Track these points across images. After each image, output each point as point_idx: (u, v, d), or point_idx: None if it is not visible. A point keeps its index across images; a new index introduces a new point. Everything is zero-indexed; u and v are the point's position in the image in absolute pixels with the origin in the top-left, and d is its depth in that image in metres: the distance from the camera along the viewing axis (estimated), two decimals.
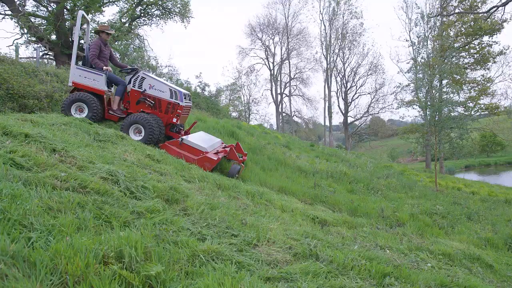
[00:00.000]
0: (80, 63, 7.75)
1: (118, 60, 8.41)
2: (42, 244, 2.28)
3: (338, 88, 41.93)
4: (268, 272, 2.94)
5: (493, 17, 26.18)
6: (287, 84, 46.55)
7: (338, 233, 4.97)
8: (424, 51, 29.00)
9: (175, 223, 3.33)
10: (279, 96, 46.07)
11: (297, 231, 4.16)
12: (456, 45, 29.10)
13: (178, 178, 5.19)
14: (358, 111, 42.49)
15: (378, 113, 41.78)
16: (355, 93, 41.57)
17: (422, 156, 34.01)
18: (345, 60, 41.24)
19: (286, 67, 46.41)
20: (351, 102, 41.50)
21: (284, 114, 47.40)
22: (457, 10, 28.70)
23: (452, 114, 15.69)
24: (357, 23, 40.94)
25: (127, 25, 21.45)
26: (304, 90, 53.07)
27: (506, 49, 29.16)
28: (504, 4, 9.69)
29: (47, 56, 20.04)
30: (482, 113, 30.76)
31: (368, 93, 41.15)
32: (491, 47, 29.43)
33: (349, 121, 41.72)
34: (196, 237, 3.23)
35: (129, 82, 7.50)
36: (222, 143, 8.27)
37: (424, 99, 15.99)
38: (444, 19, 29.34)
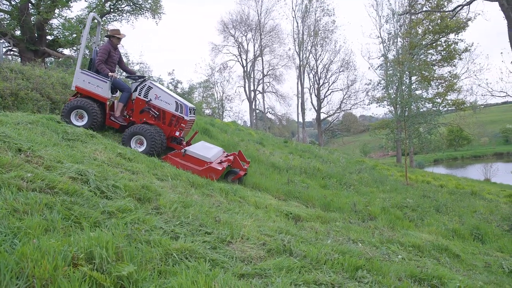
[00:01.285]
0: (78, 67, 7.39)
1: (127, 66, 8.19)
2: (7, 247, 2.20)
3: (311, 84, 42.34)
4: (242, 269, 2.95)
5: (458, 15, 26.99)
6: (261, 81, 46.63)
7: (311, 228, 5.03)
8: (394, 48, 29.66)
9: (148, 222, 3.28)
10: (252, 93, 46.09)
11: (271, 227, 4.19)
12: (424, 42, 29.87)
13: (151, 177, 5.12)
14: (331, 107, 42.93)
15: (350, 109, 42.45)
16: (328, 90, 42.09)
17: (393, 151, 34.81)
18: (317, 57, 41.66)
19: (259, 64, 46.50)
20: (323, 99, 41.99)
21: (257, 111, 47.49)
22: (424, 8, 29.42)
23: (421, 110, 16.12)
24: (329, 20, 41.40)
25: (96, 21, 20.92)
26: (278, 87, 53.29)
27: (471, 47, 30.15)
28: (469, 3, 10.04)
29: (12, 53, 19.34)
30: (449, 108, 31.73)
31: (340, 90, 41.77)
32: (457, 45, 30.39)
33: (322, 117, 42.20)
34: (169, 235, 3.19)
35: (135, 90, 7.33)
36: (224, 152, 8.16)
37: (394, 96, 16.33)
38: (413, 17, 30.04)
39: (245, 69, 46.36)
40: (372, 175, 13.21)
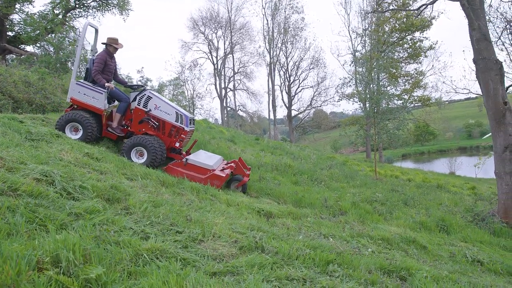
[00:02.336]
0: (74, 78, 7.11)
1: (119, 76, 7.93)
2: None
3: (282, 82, 42.59)
4: (214, 267, 2.94)
5: (423, 14, 27.76)
6: (231, 79, 46.49)
7: (283, 224, 5.07)
8: (363, 46, 30.25)
9: (117, 222, 3.22)
10: (223, 91, 45.88)
11: (243, 225, 4.19)
12: (391, 40, 30.61)
13: (120, 176, 5.02)
14: (302, 104, 43.29)
15: (320, 106, 42.98)
16: (298, 87, 42.42)
17: (363, 146, 35.47)
18: (287, 54, 41.91)
19: (230, 61, 46.34)
20: (294, 96, 42.30)
21: (229, 109, 47.35)
22: (391, 7, 30.09)
23: (390, 106, 16.52)
24: (299, 18, 41.74)
25: (60, 16, 20.28)
26: (248, 84, 53.39)
27: (435, 44, 31.16)
28: (432, 3, 10.33)
29: None
30: (416, 104, 32.66)
31: (311, 87, 42.18)
32: (422, 42, 31.33)
33: (293, 114, 42.50)
34: (139, 236, 3.14)
35: (134, 100, 7.16)
36: (223, 160, 8.06)
37: (363, 92, 16.66)
38: (380, 15, 30.67)
39: (216, 67, 46.10)
40: (342, 170, 13.42)
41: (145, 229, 3.30)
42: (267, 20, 40.98)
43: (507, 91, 8.38)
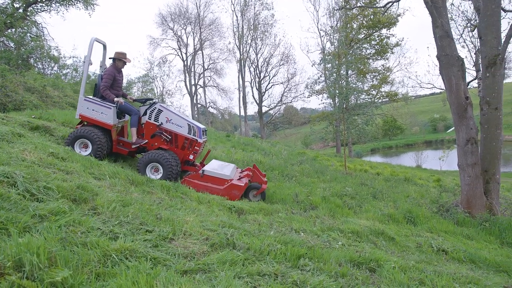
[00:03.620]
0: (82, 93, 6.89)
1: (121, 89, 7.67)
2: None
3: (252, 78, 42.56)
4: (185, 265, 2.92)
5: (389, 11, 28.44)
6: (201, 75, 46.10)
7: (254, 220, 5.08)
8: (332, 43, 30.59)
9: (84, 223, 3.14)
10: (193, 87, 45.47)
11: (214, 222, 4.17)
12: (359, 36, 31.18)
13: (87, 176, 4.89)
14: (272, 100, 43.41)
15: (291, 102, 43.22)
16: (269, 83, 42.50)
17: (333, 142, 36.01)
18: (257, 51, 41.91)
19: (200, 57, 45.90)
20: (265, 92, 42.37)
21: (199, 106, 46.97)
22: (359, 4, 30.63)
23: (359, 101, 16.87)
24: (269, 14, 41.92)
25: (21, 10, 19.46)
26: (219, 80, 53.01)
27: (401, 41, 31.99)
28: (398, 0, 10.57)
29: None
30: (384, 100, 33.45)
31: (281, 83, 42.34)
32: (389, 39, 32.07)
33: (263, 111, 42.61)
34: (108, 236, 3.08)
35: (145, 114, 7.02)
36: (237, 168, 7.93)
37: (332, 88, 16.90)
38: (348, 12, 31.17)
39: (185, 63, 45.60)
40: (313, 166, 13.58)
41: (113, 229, 3.24)
42: (237, 17, 40.81)
43: (468, 86, 8.71)
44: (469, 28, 18.73)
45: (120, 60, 7.11)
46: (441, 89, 27.52)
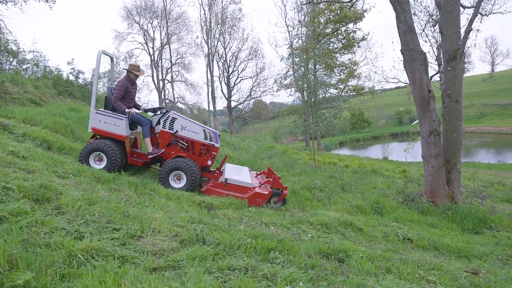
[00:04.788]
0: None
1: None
2: None
3: (221, 73, 42.26)
4: (154, 263, 2.88)
5: (355, 6, 28.91)
6: (169, 70, 45.42)
7: (224, 215, 5.07)
8: (299, 36, 30.85)
9: (47, 223, 3.04)
10: (161, 83, 44.74)
11: (183, 218, 4.14)
12: (326, 31, 31.56)
13: (50, 175, 4.73)
14: (241, 95, 43.23)
15: (260, 97, 43.22)
16: (237, 78, 42.32)
17: (302, 135, 36.37)
18: (226, 45, 41.61)
19: (167, 52, 45.14)
20: (233, 87, 42.19)
21: (167, 101, 46.30)
22: None
23: (327, 95, 17.07)
24: (236, 8, 41.51)
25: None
26: (187, 75, 52.18)
27: (367, 35, 32.62)
28: None
29: None
30: (351, 93, 34.06)
31: (250, 77, 42.24)
32: (355, 33, 32.62)
33: (232, 105, 42.46)
34: (73, 236, 2.99)
35: (158, 123, 6.89)
36: (250, 170, 7.82)
37: (301, 82, 17.02)
38: (315, 7, 31.43)
39: (152, 58, 44.75)
40: (282, 159, 13.68)
41: (79, 228, 3.15)
42: (204, 10, 40.29)
43: (431, 80, 8.97)
44: (431, 23, 19.33)
45: (132, 72, 7.01)
46: (405, 83, 28.34)
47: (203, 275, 2.79)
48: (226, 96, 41.90)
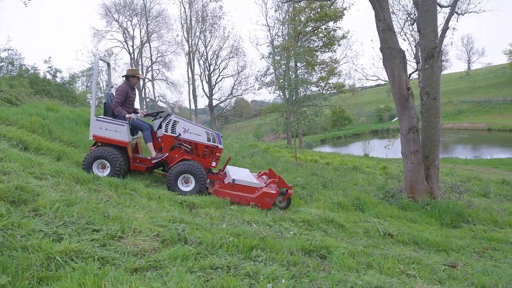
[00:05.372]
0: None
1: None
2: None
3: (202, 71, 42.01)
4: (135, 263, 2.85)
5: (335, 4, 29.17)
6: (149, 68, 44.98)
7: (206, 214, 5.06)
8: (280, 35, 30.91)
9: (24, 226, 2.97)
10: (141, 81, 44.26)
11: (165, 217, 4.10)
12: (307, 29, 31.74)
13: (27, 176, 4.61)
14: (223, 93, 43.04)
15: (241, 95, 43.17)
16: (219, 76, 42.14)
17: (284, 133, 36.49)
18: (207, 43, 41.38)
19: (147, 50, 44.69)
20: (215, 85, 42.00)
21: (148, 100, 45.84)
22: None
23: (308, 93, 17.16)
24: (217, 6, 41.29)
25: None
26: (168, 74, 51.90)
27: (347, 34, 32.94)
28: None
29: None
30: (332, 91, 34.36)
31: (231, 76, 42.14)
32: (335, 32, 32.89)
33: (214, 104, 42.28)
34: (51, 238, 2.93)
35: (160, 127, 6.80)
36: (251, 172, 7.76)
37: (282, 80, 17.05)
38: (296, 5, 31.56)
39: (132, 56, 44.19)
40: (264, 157, 13.69)
41: (57, 230, 3.09)
42: (185, 8, 40.12)
43: (410, 78, 9.12)
44: (409, 22, 19.61)
45: (134, 76, 6.94)
46: (385, 80, 28.70)
47: (185, 275, 2.77)
48: (208, 95, 41.70)
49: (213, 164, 6.94)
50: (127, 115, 6.67)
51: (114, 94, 6.87)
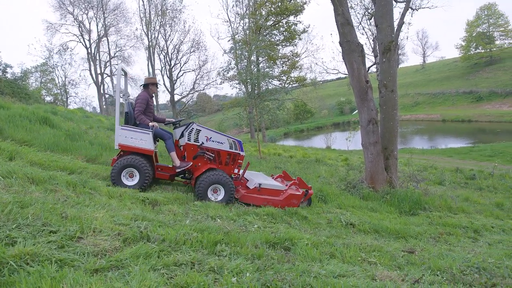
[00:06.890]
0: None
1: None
2: None
3: (163, 66, 41.38)
4: (95, 264, 2.76)
5: None
6: (108, 63, 43.73)
7: (169, 211, 4.99)
8: (241, 29, 30.83)
9: None
10: (99, 77, 42.94)
11: (126, 216, 4.00)
12: (268, 23, 31.84)
13: None
14: (184, 88, 42.56)
15: (203, 90, 42.88)
16: (180, 71, 41.64)
17: (247, 127, 36.55)
18: (167, 37, 40.74)
19: (105, 45, 43.45)
20: (176, 80, 41.46)
21: (107, 96, 44.56)
22: None
23: (270, 87, 17.26)
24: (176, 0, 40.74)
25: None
26: (127, 69, 50.43)
27: (308, 28, 33.36)
28: None
29: None
30: (294, 85, 34.74)
31: (193, 70, 41.73)
32: (296, 26, 33.21)
33: (176, 99, 41.75)
34: (3, 242, 2.79)
35: (182, 136, 6.71)
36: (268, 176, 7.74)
37: (244, 74, 17.05)
38: None
39: (89, 51, 42.78)
40: None
41: (10, 233, 2.94)
42: (143, 1, 39.25)
43: (368, 71, 9.34)
44: (367, 17, 20.10)
45: (153, 84, 7.01)
46: (345, 74, 29.30)
47: (148, 273, 2.72)
48: (169, 90, 41.12)
49: (236, 171, 6.97)
50: (151, 123, 6.59)
51: (134, 103, 6.84)
